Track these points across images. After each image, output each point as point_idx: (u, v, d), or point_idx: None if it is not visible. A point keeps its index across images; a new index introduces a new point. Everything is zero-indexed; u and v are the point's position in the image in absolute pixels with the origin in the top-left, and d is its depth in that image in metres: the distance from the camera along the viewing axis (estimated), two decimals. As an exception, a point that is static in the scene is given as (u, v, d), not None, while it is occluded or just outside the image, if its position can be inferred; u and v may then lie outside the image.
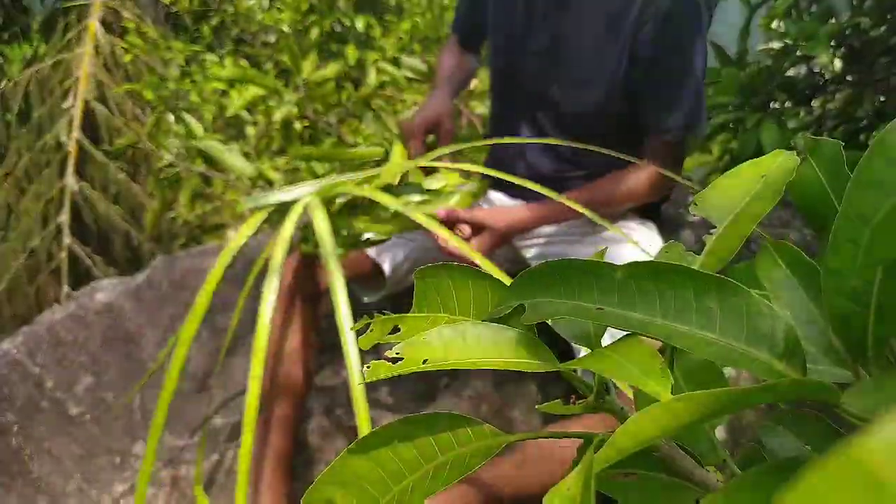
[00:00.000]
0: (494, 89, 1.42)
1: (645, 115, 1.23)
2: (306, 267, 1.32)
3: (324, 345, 1.49)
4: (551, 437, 0.33)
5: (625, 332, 0.32)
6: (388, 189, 1.19)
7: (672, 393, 0.28)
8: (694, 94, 1.19)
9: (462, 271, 0.37)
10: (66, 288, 3.46)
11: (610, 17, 1.19)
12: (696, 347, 0.30)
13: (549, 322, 0.35)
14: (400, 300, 1.44)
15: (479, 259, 0.98)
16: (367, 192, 1.16)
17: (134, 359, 1.57)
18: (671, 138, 1.22)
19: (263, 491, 1.22)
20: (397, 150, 1.29)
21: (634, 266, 0.31)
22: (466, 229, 1.17)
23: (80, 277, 3.54)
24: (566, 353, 1.13)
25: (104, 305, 1.63)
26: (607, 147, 1.31)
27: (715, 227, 0.36)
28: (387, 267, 1.34)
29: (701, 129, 1.23)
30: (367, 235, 1.21)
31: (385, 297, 1.40)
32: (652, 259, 0.32)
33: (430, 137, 1.34)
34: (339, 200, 1.19)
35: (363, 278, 1.40)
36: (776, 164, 0.36)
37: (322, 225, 1.08)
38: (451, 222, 1.18)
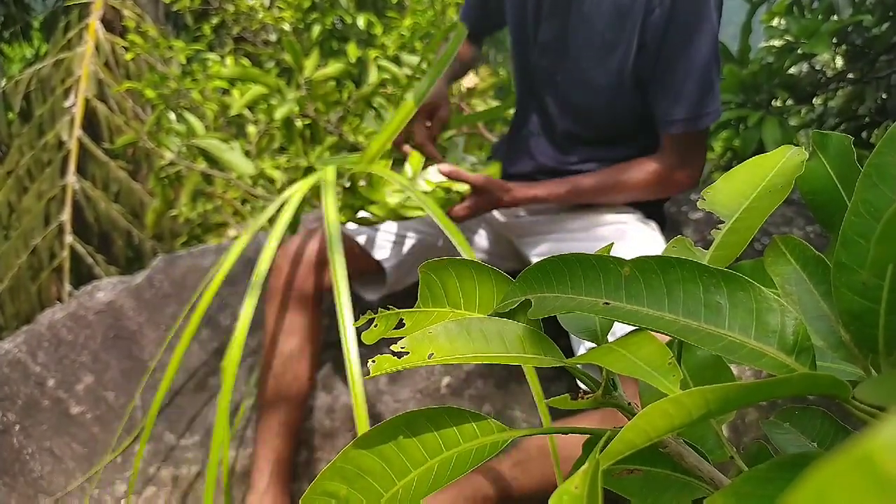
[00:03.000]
0: (515, 81, 1.42)
1: (653, 105, 1.22)
2: (308, 265, 1.31)
3: (325, 343, 1.49)
4: (556, 434, 0.33)
5: (632, 327, 0.32)
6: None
7: (680, 389, 0.28)
8: (702, 86, 1.17)
9: (467, 266, 0.36)
10: (68, 286, 3.47)
11: (618, 6, 1.17)
12: (705, 343, 0.30)
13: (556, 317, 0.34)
14: (401, 298, 1.43)
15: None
16: (383, 170, 1.19)
17: (135, 358, 1.57)
18: (678, 130, 1.20)
19: (265, 492, 1.22)
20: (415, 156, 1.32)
21: (642, 261, 0.31)
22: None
23: (82, 276, 3.55)
24: (567, 350, 1.13)
25: (105, 304, 1.63)
26: (620, 139, 1.30)
27: (723, 222, 0.35)
28: (387, 265, 1.34)
29: (710, 120, 1.20)
30: (361, 214, 1.24)
31: (387, 295, 1.40)
32: (660, 254, 0.32)
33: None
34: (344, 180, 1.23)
35: (364, 276, 1.40)
36: (784, 159, 0.36)
37: (330, 202, 1.14)
38: (452, 178, 1.21)
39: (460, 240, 1.05)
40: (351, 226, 1.35)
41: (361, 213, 1.25)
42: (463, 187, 1.22)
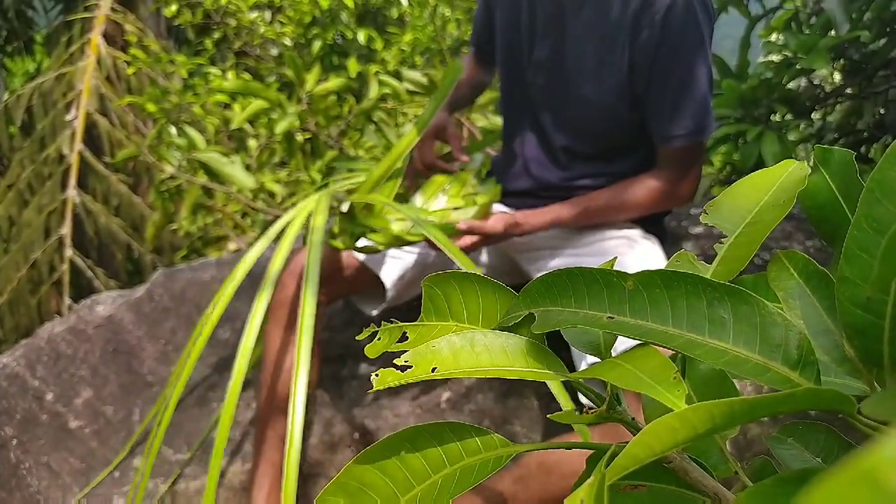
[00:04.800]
0: (503, 99, 1.43)
1: (649, 122, 1.23)
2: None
3: (324, 357, 1.49)
4: (558, 448, 0.33)
5: (636, 342, 0.32)
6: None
7: (684, 403, 0.28)
8: (697, 101, 1.18)
9: (470, 280, 0.36)
10: (67, 300, 3.46)
11: (608, 26, 1.18)
12: (709, 357, 0.30)
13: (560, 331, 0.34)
14: (403, 313, 1.43)
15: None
16: (381, 198, 1.20)
17: (134, 372, 1.57)
18: (677, 145, 1.22)
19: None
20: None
21: (645, 275, 0.31)
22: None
23: (82, 289, 3.55)
24: (569, 364, 1.13)
25: (104, 318, 1.62)
26: (618, 153, 1.31)
27: (726, 237, 0.35)
28: (387, 279, 1.34)
29: (705, 134, 1.21)
30: (362, 242, 1.24)
31: (387, 309, 1.40)
32: (663, 268, 0.32)
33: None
34: (347, 203, 1.25)
35: (364, 291, 1.40)
36: (787, 173, 0.36)
37: (320, 219, 1.16)
38: (473, 233, 1.22)
39: (469, 265, 1.06)
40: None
41: (363, 241, 1.24)
42: (468, 213, 1.24)
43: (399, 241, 1.22)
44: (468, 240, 1.21)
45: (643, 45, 1.15)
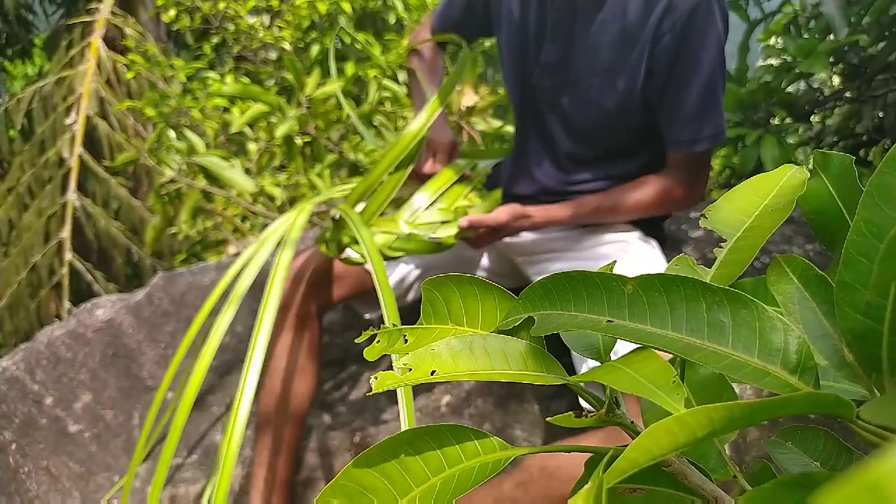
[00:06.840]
0: (511, 101, 1.42)
1: (663, 127, 1.22)
2: (309, 284, 1.31)
3: (325, 361, 1.49)
4: (558, 451, 0.33)
5: (635, 345, 0.32)
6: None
7: (684, 407, 0.28)
8: (712, 106, 1.17)
9: (470, 283, 0.36)
10: (67, 303, 3.46)
11: (625, 30, 1.17)
12: (708, 361, 0.30)
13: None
14: (403, 316, 1.43)
15: None
16: (373, 206, 1.19)
17: (133, 376, 1.56)
18: (687, 150, 1.21)
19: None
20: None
21: (645, 278, 0.31)
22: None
23: (81, 293, 3.55)
24: (568, 368, 1.12)
25: (104, 322, 1.62)
26: (623, 156, 1.30)
27: (725, 241, 0.35)
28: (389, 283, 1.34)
29: (717, 139, 1.21)
30: (349, 252, 1.23)
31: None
32: (663, 272, 0.32)
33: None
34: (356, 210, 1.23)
35: (365, 294, 1.40)
36: (786, 177, 0.36)
37: (294, 233, 1.19)
38: (475, 228, 1.22)
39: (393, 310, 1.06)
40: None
41: (349, 252, 1.23)
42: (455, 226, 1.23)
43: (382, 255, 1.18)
44: (484, 239, 1.21)
45: (663, 50, 1.14)
